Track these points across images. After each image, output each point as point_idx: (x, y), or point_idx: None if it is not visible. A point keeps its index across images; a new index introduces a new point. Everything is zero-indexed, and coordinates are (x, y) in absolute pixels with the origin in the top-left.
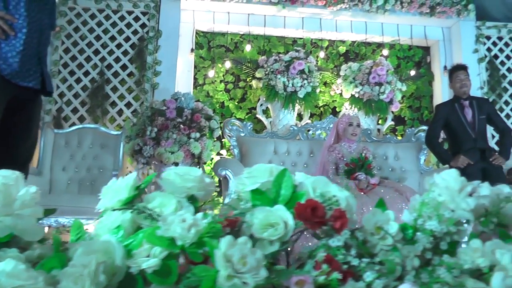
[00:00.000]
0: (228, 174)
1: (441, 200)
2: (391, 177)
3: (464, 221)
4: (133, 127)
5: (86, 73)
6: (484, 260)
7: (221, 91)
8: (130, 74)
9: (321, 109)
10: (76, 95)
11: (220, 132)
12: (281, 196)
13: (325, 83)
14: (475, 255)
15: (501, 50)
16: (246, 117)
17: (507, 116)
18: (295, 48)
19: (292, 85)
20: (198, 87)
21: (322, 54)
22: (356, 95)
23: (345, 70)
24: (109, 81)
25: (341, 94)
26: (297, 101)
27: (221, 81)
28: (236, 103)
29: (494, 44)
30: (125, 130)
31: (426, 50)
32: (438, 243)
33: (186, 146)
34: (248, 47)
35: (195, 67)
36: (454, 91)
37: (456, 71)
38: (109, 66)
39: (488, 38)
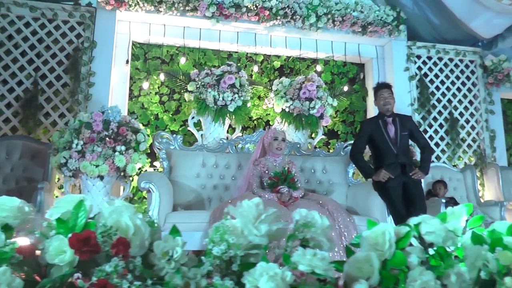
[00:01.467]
0: (151, 188)
1: (238, 226)
2: (319, 189)
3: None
4: (60, 139)
5: (20, 83)
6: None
7: (155, 103)
8: (64, 85)
9: (255, 122)
10: (8, 105)
11: (147, 145)
12: (77, 225)
13: (259, 97)
14: (258, 277)
15: (430, 69)
16: (180, 129)
17: (436, 131)
18: (227, 62)
19: (223, 99)
20: (133, 99)
21: (256, 68)
22: (287, 110)
23: (277, 85)
24: (43, 91)
25: (273, 108)
26: (228, 114)
27: (156, 93)
28: (171, 115)
29: (424, 63)
30: (53, 142)
31: (361, 66)
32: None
33: (111, 159)
34: (183, 60)
35: (131, 78)
36: (378, 108)
37: (380, 89)
38: (43, 76)
39: (419, 57)
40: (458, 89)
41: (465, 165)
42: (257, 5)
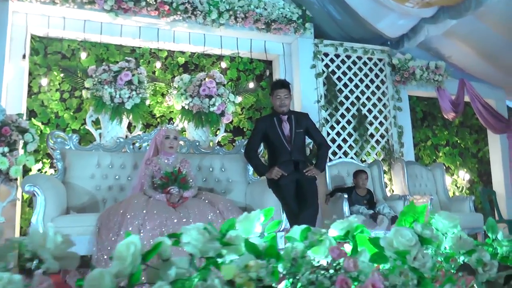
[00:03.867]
0: (36, 191)
1: None
2: (217, 188)
3: None
4: None
5: None
6: None
7: (56, 100)
8: None
9: (158, 119)
10: None
11: (37, 146)
12: None
13: (162, 94)
14: None
15: (338, 67)
16: (81, 128)
17: (343, 127)
18: (126, 58)
19: (119, 96)
20: (32, 96)
21: (159, 65)
22: (186, 107)
23: (178, 81)
24: None
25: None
26: (125, 112)
27: (56, 90)
28: (72, 114)
29: (332, 61)
30: None
31: (269, 63)
32: None
33: None
34: (84, 55)
35: (30, 74)
36: (274, 107)
37: (276, 89)
38: None
39: (326, 55)
40: (367, 87)
41: (373, 160)
42: None
